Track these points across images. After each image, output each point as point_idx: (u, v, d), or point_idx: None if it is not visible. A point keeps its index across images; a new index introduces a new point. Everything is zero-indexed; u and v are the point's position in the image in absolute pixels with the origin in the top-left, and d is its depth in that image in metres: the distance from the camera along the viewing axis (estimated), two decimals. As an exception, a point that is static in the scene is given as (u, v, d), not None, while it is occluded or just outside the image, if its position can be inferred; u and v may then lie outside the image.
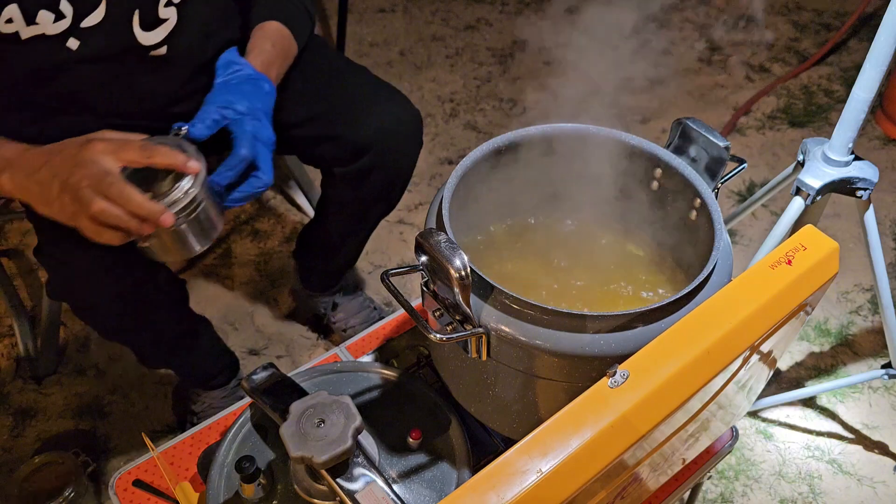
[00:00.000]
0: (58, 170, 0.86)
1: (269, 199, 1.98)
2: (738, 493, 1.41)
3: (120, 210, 0.85)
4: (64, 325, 1.67)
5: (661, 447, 0.76)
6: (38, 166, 0.87)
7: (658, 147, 0.92)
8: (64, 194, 0.85)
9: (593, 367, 0.73)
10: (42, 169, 0.87)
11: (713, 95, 2.32)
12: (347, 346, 1.14)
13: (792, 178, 1.21)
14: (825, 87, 2.37)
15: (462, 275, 0.69)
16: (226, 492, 0.87)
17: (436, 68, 2.44)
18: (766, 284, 0.75)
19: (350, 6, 2.39)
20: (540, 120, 0.93)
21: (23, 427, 1.51)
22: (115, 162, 0.86)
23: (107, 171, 0.85)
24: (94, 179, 0.84)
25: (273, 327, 1.70)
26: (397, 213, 1.93)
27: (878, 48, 1.03)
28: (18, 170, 0.88)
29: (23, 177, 0.88)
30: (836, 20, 2.63)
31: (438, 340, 0.73)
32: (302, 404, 0.79)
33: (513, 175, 0.93)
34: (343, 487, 0.77)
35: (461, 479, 0.87)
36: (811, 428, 1.51)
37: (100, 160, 0.85)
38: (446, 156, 2.12)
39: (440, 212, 0.81)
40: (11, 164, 0.88)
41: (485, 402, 0.86)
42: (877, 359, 1.62)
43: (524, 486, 0.62)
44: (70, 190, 0.85)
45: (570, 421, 0.65)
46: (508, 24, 2.62)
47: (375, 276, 1.81)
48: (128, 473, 1.00)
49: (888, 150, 2.15)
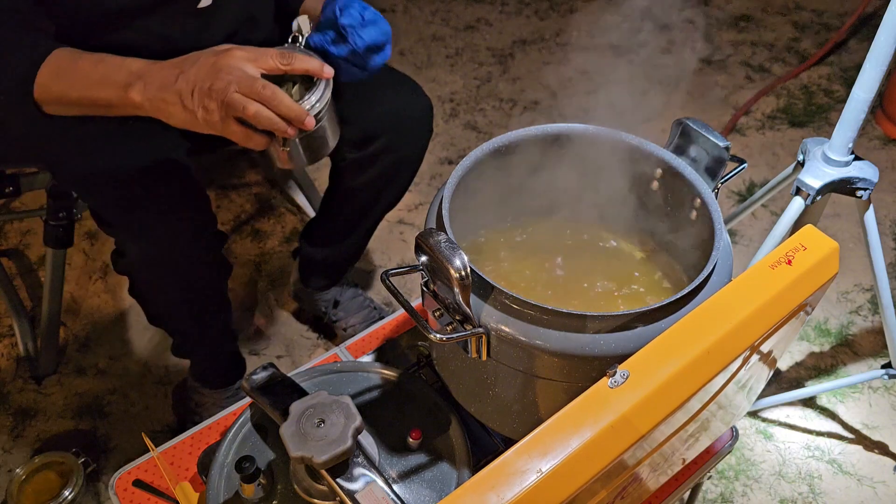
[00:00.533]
0: (196, 79, 0.85)
1: (270, 199, 1.98)
2: (738, 493, 1.41)
3: (271, 112, 0.86)
4: (64, 325, 1.67)
5: (661, 447, 0.76)
6: (172, 78, 0.86)
7: (658, 147, 0.92)
8: (209, 101, 0.85)
9: (593, 367, 0.73)
10: (178, 80, 0.86)
11: (713, 95, 2.32)
12: (347, 346, 1.14)
13: (792, 178, 1.21)
14: (825, 87, 2.37)
15: (462, 275, 0.69)
16: (226, 492, 0.87)
17: (436, 68, 2.44)
18: (766, 284, 0.75)
19: (350, 6, 2.39)
20: (540, 120, 0.93)
21: (23, 427, 1.51)
22: (255, 69, 0.87)
23: (253, 76, 0.85)
24: (243, 84, 0.84)
25: (273, 327, 1.70)
26: (397, 213, 1.93)
27: (878, 48, 1.03)
28: (150, 83, 0.87)
29: (156, 89, 0.86)
30: (836, 20, 2.63)
31: (438, 340, 0.73)
32: (302, 404, 0.79)
33: (513, 175, 0.93)
34: (343, 487, 0.77)
35: (461, 479, 0.87)
36: (811, 428, 1.51)
37: (243, 66, 0.86)
38: (446, 156, 2.12)
39: (440, 212, 0.81)
40: (142, 76, 0.87)
41: (485, 402, 0.86)
42: (877, 359, 1.62)
43: (524, 486, 0.62)
44: (217, 96, 0.84)
45: (570, 421, 0.65)
46: (508, 24, 2.62)
47: (375, 276, 1.81)
48: (128, 473, 1.00)
49: (888, 150, 2.15)
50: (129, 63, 0.89)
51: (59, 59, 0.90)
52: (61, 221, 1.38)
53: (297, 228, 1.90)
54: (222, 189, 2.01)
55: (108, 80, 0.88)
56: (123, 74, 0.88)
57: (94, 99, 0.89)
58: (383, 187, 1.34)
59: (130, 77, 0.88)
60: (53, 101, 0.91)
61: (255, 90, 0.84)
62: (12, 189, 1.40)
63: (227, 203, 1.97)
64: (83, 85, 0.89)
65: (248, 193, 2.00)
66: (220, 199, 1.98)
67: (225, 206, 1.96)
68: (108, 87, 0.88)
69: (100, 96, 0.89)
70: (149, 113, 0.89)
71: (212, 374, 1.43)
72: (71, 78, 0.89)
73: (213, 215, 1.14)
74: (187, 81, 0.85)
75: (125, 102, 0.88)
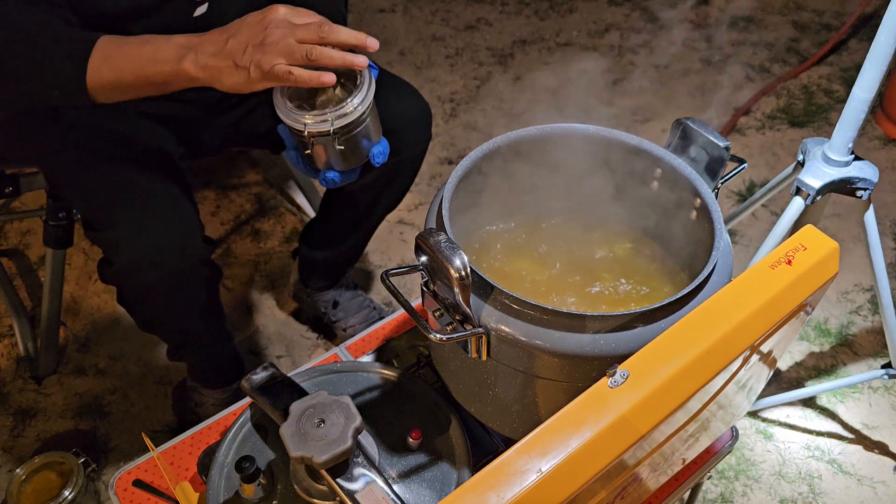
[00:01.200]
0: (249, 38, 0.86)
1: (269, 199, 1.98)
2: (738, 493, 1.41)
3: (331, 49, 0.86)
4: (64, 325, 1.67)
5: (661, 447, 0.76)
6: (222, 42, 0.87)
7: (658, 147, 0.92)
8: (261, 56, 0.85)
9: (593, 367, 0.73)
10: (229, 42, 0.87)
11: (713, 95, 2.32)
12: (347, 346, 1.14)
13: (792, 178, 1.21)
14: (825, 87, 2.37)
15: (462, 275, 0.69)
16: (226, 492, 0.87)
17: (436, 68, 2.44)
18: (766, 284, 0.75)
19: (350, 6, 2.38)
20: (540, 120, 0.93)
21: (23, 427, 1.51)
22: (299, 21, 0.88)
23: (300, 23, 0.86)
24: (299, 31, 0.85)
25: (273, 327, 1.70)
26: (397, 213, 1.93)
27: (878, 48, 1.03)
28: (202, 52, 0.87)
29: (208, 56, 0.87)
30: (836, 20, 2.63)
31: (438, 340, 0.73)
32: (302, 404, 0.79)
33: (513, 175, 0.93)
34: (343, 487, 0.77)
35: (461, 479, 0.87)
36: (811, 428, 1.51)
37: (291, 18, 0.87)
38: (446, 156, 2.12)
39: (440, 212, 0.81)
40: (192, 48, 0.88)
41: (485, 402, 0.86)
42: (877, 359, 1.62)
43: (524, 486, 0.62)
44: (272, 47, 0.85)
45: (570, 421, 0.65)
46: (508, 24, 2.62)
47: (375, 276, 1.81)
48: (128, 473, 1.00)
49: (888, 150, 2.15)
50: (176, 38, 0.90)
51: (106, 46, 0.90)
52: (61, 221, 1.38)
53: (297, 228, 1.90)
54: (222, 189, 2.00)
55: (159, 58, 0.89)
56: (172, 49, 0.88)
57: (150, 77, 0.90)
58: (382, 190, 1.35)
59: (180, 50, 0.88)
60: (107, 88, 0.91)
61: (312, 32, 0.85)
62: (12, 189, 1.41)
63: (227, 203, 1.97)
64: (135, 66, 0.90)
65: (248, 193, 2.00)
66: (220, 199, 1.98)
67: (225, 206, 1.96)
68: (161, 64, 0.89)
69: (154, 74, 0.89)
70: (204, 82, 0.89)
71: (210, 375, 1.43)
72: (121, 62, 0.90)
73: (201, 222, 1.14)
74: (238, 42, 0.86)
75: (180, 76, 0.89)
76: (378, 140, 0.96)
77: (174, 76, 0.89)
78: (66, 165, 1.09)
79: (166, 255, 1.08)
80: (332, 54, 0.85)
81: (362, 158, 0.95)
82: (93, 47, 0.90)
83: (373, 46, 0.89)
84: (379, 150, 0.96)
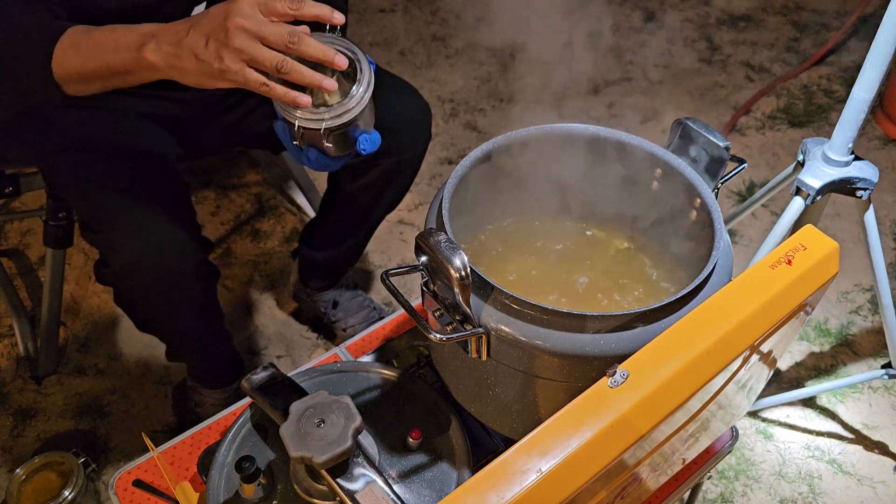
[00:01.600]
0: (210, 29, 0.81)
1: (269, 199, 1.98)
2: (738, 493, 1.41)
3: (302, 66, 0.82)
4: (64, 325, 1.67)
5: (661, 447, 0.76)
6: (183, 32, 0.83)
7: (658, 147, 0.92)
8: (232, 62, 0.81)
9: (593, 367, 0.73)
10: (189, 33, 0.82)
11: (713, 95, 2.32)
12: (347, 346, 1.14)
13: (792, 178, 1.21)
14: (825, 87, 2.37)
15: (462, 275, 0.69)
16: (226, 492, 0.87)
17: (436, 68, 2.44)
18: (766, 284, 0.75)
19: (350, 6, 2.38)
20: (540, 120, 0.93)
21: (23, 427, 1.51)
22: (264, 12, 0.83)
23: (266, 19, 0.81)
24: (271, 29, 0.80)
25: (273, 327, 1.70)
26: (397, 213, 1.93)
27: (878, 48, 1.03)
28: (163, 41, 0.84)
29: (170, 46, 0.83)
30: (836, 20, 2.63)
31: (438, 340, 0.73)
32: (302, 404, 0.79)
33: (513, 175, 0.93)
34: (343, 487, 0.77)
35: (461, 479, 0.87)
36: (811, 428, 1.51)
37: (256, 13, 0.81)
38: (446, 156, 2.12)
39: (440, 212, 0.81)
40: (154, 36, 0.85)
41: (485, 402, 0.86)
42: (877, 359, 1.62)
43: (524, 486, 0.62)
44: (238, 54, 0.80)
45: (570, 421, 0.65)
46: (508, 24, 2.62)
47: (375, 276, 1.81)
48: (128, 473, 1.00)
49: (888, 150, 2.15)
50: (141, 26, 0.87)
51: (75, 35, 0.88)
52: (61, 222, 1.38)
53: (297, 229, 1.90)
54: (222, 189, 2.01)
55: (122, 45, 0.86)
56: (135, 37, 0.85)
57: (111, 66, 0.87)
58: (382, 191, 1.35)
59: (143, 38, 0.85)
60: (74, 79, 0.89)
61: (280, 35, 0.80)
62: (12, 189, 1.41)
63: (227, 203, 1.97)
64: (98, 54, 0.87)
65: (248, 193, 2.00)
66: (220, 199, 1.98)
67: (225, 206, 1.96)
68: (122, 52, 0.86)
69: (115, 62, 0.86)
70: (165, 73, 0.86)
71: (210, 375, 1.43)
72: (86, 50, 0.87)
73: (198, 223, 1.13)
74: (199, 33, 0.82)
75: (141, 65, 0.85)
76: (370, 130, 0.94)
77: (135, 65, 0.86)
78: (65, 167, 1.09)
79: (163, 257, 1.08)
80: (302, 71, 0.81)
81: (350, 148, 0.94)
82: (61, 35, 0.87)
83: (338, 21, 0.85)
84: (366, 138, 0.93)
